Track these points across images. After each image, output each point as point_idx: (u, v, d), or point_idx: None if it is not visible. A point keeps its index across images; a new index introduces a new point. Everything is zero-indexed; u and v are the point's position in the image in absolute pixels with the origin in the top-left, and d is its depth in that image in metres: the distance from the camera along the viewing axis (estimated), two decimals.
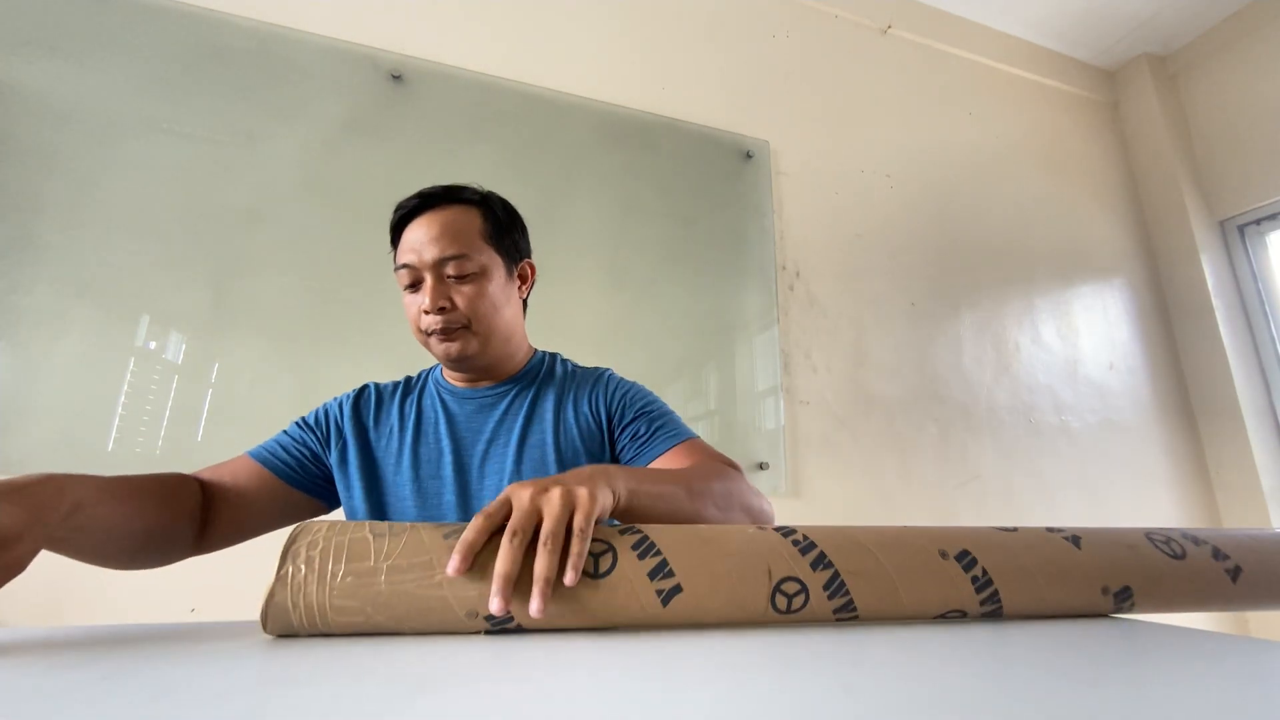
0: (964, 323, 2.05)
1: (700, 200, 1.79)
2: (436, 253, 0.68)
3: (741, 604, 0.39)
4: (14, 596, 1.12)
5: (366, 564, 0.38)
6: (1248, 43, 2.32)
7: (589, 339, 1.54)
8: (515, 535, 0.39)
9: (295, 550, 0.39)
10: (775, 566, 0.40)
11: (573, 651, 0.34)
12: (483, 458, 0.72)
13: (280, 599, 0.37)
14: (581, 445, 0.74)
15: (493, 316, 0.71)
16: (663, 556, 0.39)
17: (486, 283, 0.70)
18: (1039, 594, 0.43)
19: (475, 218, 0.72)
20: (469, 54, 1.63)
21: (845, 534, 0.42)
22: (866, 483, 1.76)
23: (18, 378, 1.14)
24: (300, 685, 0.29)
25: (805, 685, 0.29)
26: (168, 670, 0.31)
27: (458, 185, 0.74)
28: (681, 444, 0.71)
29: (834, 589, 0.40)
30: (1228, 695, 0.28)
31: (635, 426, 0.74)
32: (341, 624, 0.37)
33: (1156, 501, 2.13)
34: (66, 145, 1.26)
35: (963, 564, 0.42)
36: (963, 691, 0.28)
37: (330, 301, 1.36)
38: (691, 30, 1.95)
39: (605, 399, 0.77)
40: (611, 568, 0.39)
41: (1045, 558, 0.43)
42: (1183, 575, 0.45)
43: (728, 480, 0.60)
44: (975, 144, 2.29)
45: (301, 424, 0.76)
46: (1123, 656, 0.35)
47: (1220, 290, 2.29)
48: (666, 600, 0.38)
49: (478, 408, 0.75)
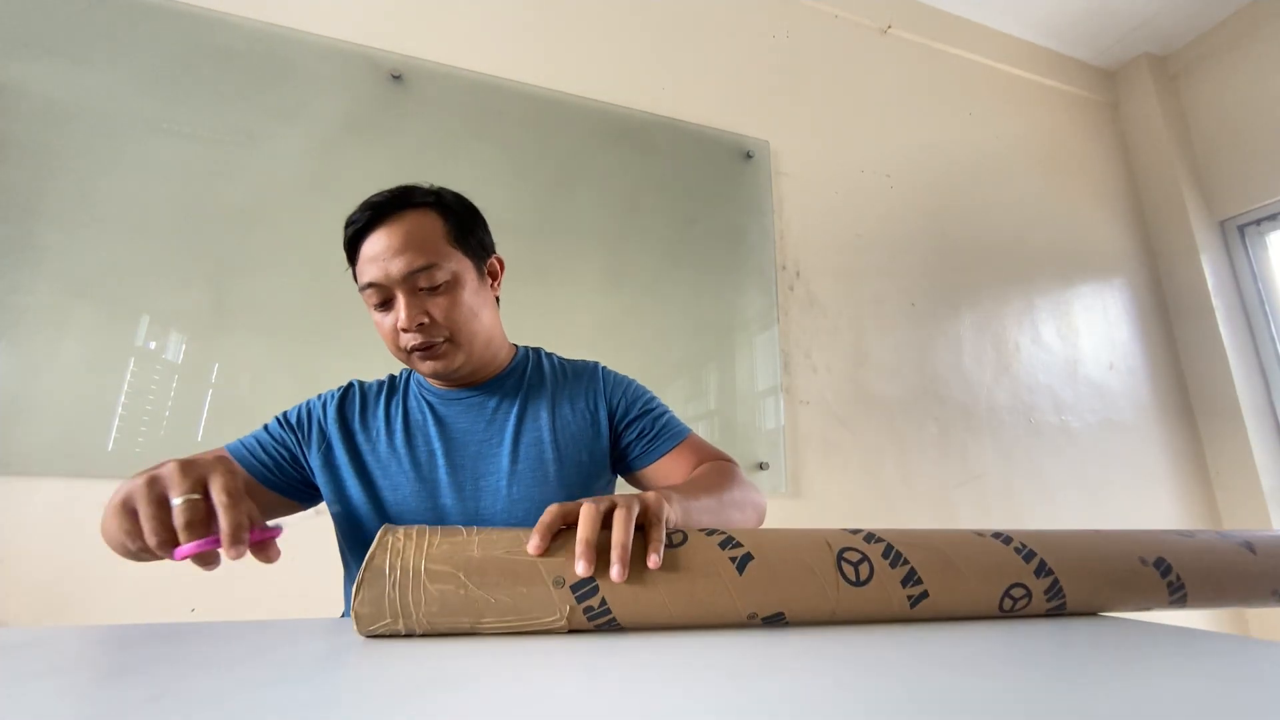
0: (964, 323, 2.05)
1: (700, 200, 1.79)
2: (403, 266, 0.64)
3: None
4: (14, 597, 1.13)
5: (460, 536, 0.42)
6: (1248, 43, 2.32)
7: (589, 339, 1.54)
8: (593, 508, 0.42)
9: (394, 529, 0.42)
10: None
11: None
12: (476, 458, 0.71)
13: (379, 562, 0.39)
14: (578, 440, 0.73)
15: (472, 324, 0.69)
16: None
17: (460, 290, 0.68)
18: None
19: (435, 221, 0.68)
20: (469, 54, 1.63)
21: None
22: (866, 483, 1.76)
23: (18, 378, 1.14)
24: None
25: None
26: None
27: (406, 187, 0.70)
28: (683, 442, 0.75)
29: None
30: (1228, 695, 0.28)
31: (640, 425, 0.75)
32: (435, 593, 0.38)
33: (1156, 501, 2.13)
34: (66, 145, 1.26)
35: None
36: (964, 691, 0.28)
37: (330, 301, 1.36)
38: (691, 30, 1.94)
39: (606, 395, 0.77)
40: (683, 541, 0.43)
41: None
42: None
43: (743, 488, 0.66)
44: (975, 144, 2.29)
45: (282, 422, 0.73)
46: (1122, 657, 0.35)
47: (1220, 290, 2.29)
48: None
49: (465, 409, 0.74)
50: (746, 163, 1.88)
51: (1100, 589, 0.46)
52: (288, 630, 0.42)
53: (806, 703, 0.26)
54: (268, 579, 1.18)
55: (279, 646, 0.37)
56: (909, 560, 0.43)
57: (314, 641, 0.39)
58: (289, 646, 0.37)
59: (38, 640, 0.38)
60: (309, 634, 0.41)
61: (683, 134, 1.82)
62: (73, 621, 1.11)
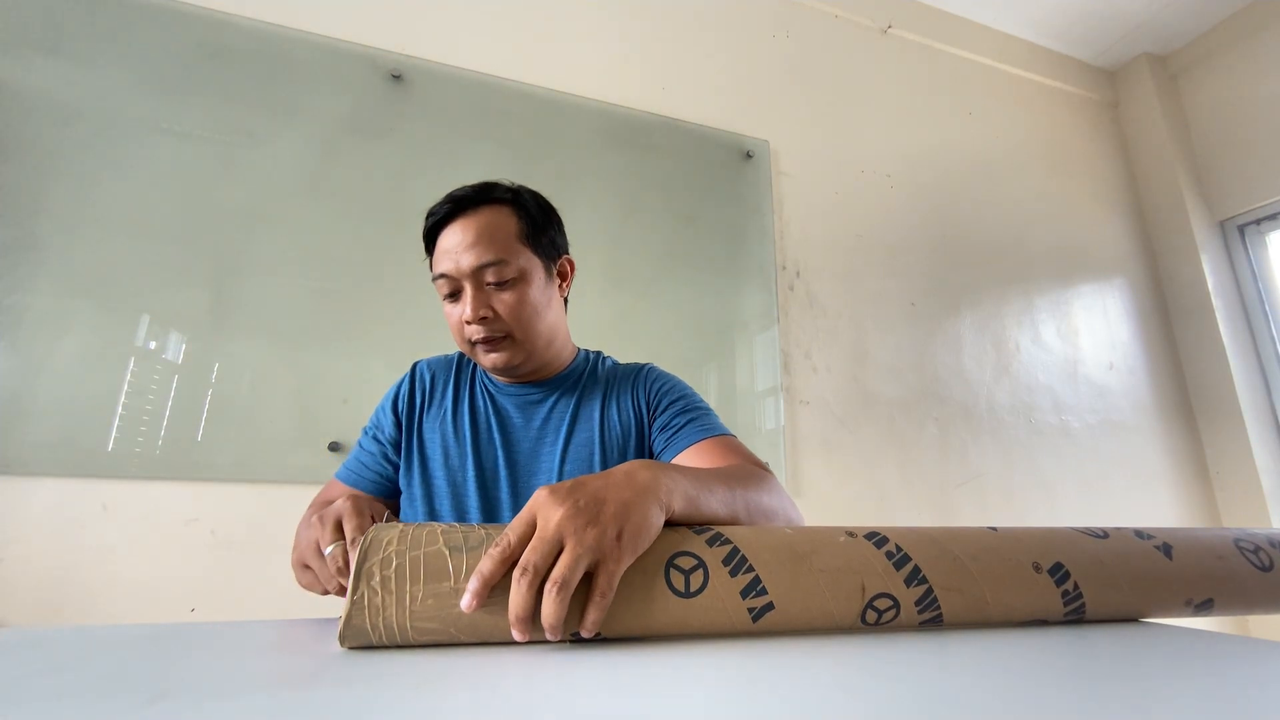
0: (964, 323, 2.05)
1: (700, 200, 1.79)
2: (473, 260, 0.66)
3: (832, 617, 0.39)
4: (14, 597, 1.12)
5: (445, 585, 0.36)
6: (1248, 43, 2.32)
7: (589, 339, 1.53)
8: (525, 573, 0.35)
9: (369, 570, 0.36)
10: (869, 582, 0.40)
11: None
12: (530, 456, 0.73)
13: (358, 622, 0.35)
14: (625, 443, 0.74)
15: (535, 322, 0.70)
16: (755, 574, 0.39)
17: (527, 287, 0.69)
18: (1126, 603, 0.43)
19: (510, 218, 0.70)
20: (469, 54, 1.63)
21: (938, 544, 0.42)
22: (866, 483, 1.76)
23: (18, 378, 1.14)
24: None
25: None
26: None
27: (488, 183, 0.72)
28: (711, 439, 0.69)
29: (926, 604, 0.40)
30: (1228, 695, 0.28)
31: (665, 418, 0.74)
32: (423, 641, 0.36)
33: (1156, 501, 2.13)
34: (67, 145, 1.26)
35: (1055, 577, 0.42)
36: (954, 694, 0.28)
37: (330, 301, 1.36)
38: (691, 30, 1.94)
39: (645, 392, 0.78)
40: (703, 587, 0.38)
41: (1138, 572, 0.44)
42: (1267, 586, 0.46)
43: (776, 495, 0.58)
44: (975, 144, 2.29)
45: (375, 437, 0.76)
46: (1123, 656, 0.35)
47: (1220, 290, 2.29)
48: (758, 617, 0.38)
49: (523, 405, 0.76)
50: (746, 162, 1.88)
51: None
52: (288, 630, 0.42)
53: (808, 706, 0.26)
54: (268, 579, 1.18)
55: (279, 646, 0.37)
56: (940, 606, 0.39)
57: (314, 642, 0.39)
58: (290, 646, 0.37)
59: (38, 640, 0.38)
60: (310, 634, 0.41)
61: (682, 134, 1.82)
62: (73, 621, 1.11)
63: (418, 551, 0.37)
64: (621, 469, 0.44)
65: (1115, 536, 0.45)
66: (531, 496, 0.40)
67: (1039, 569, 0.42)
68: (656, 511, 0.41)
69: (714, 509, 0.47)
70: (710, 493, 0.48)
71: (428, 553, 0.37)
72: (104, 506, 1.15)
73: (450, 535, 0.38)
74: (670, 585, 0.38)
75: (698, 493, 0.46)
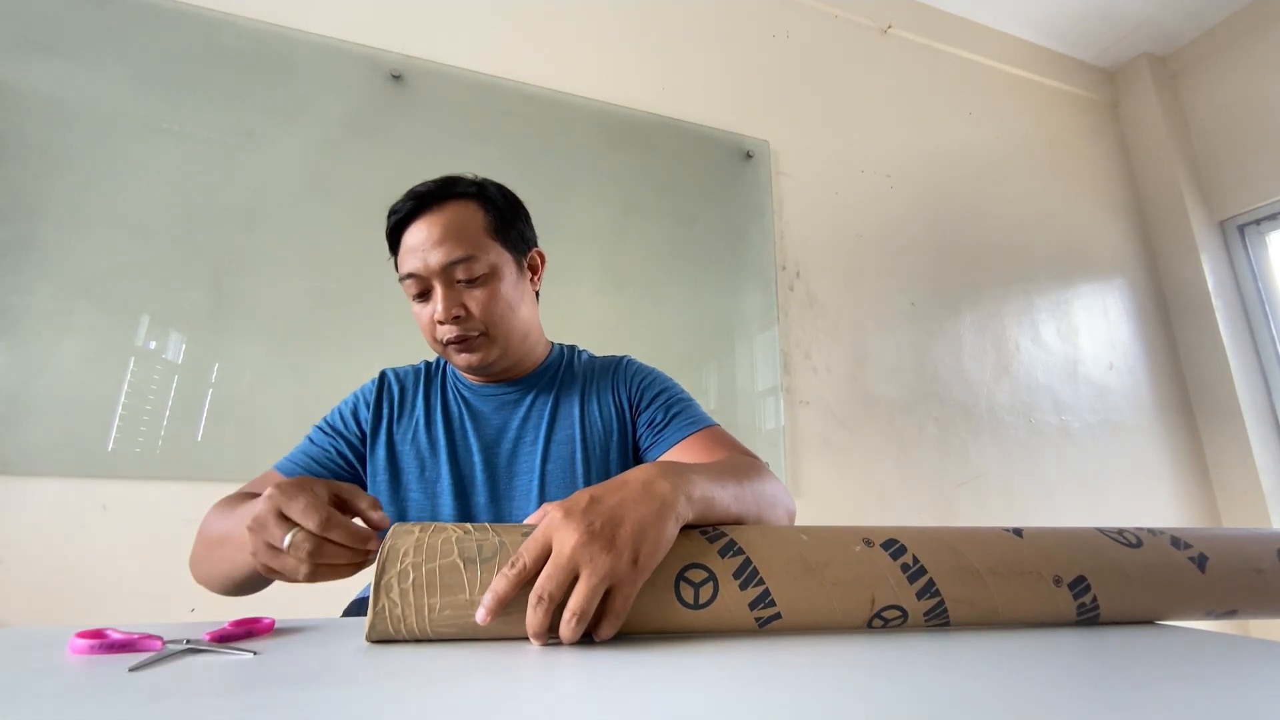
0: (964, 323, 2.05)
1: (700, 200, 1.79)
2: (442, 257, 0.64)
3: (837, 625, 0.40)
4: (14, 597, 1.12)
5: (461, 596, 0.37)
6: (1248, 43, 2.32)
7: (589, 339, 1.52)
8: (541, 601, 0.36)
9: (387, 584, 0.37)
10: (880, 595, 0.39)
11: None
12: (510, 457, 0.71)
13: (382, 628, 0.37)
14: (608, 440, 0.72)
15: (510, 318, 0.68)
16: (765, 586, 0.39)
17: (499, 283, 0.67)
18: (1142, 611, 0.43)
19: (476, 212, 0.68)
20: (469, 54, 1.63)
21: (956, 554, 0.41)
22: (866, 483, 1.76)
23: (18, 378, 1.14)
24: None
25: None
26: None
27: (450, 177, 0.70)
28: (699, 432, 0.68)
29: (935, 614, 0.40)
30: (1233, 698, 0.28)
31: (651, 413, 0.72)
32: (443, 638, 0.38)
33: (1156, 501, 2.13)
34: (66, 145, 1.26)
35: (1075, 590, 0.41)
36: (956, 694, 0.28)
37: (330, 301, 1.36)
38: (691, 30, 1.94)
39: (626, 386, 0.75)
40: (712, 599, 0.38)
41: (1163, 584, 0.42)
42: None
43: (772, 484, 0.57)
44: (975, 144, 2.29)
45: (328, 430, 0.73)
46: (1122, 657, 0.35)
47: (1220, 290, 2.29)
48: (764, 625, 0.39)
49: (499, 405, 0.74)
50: (746, 163, 1.88)
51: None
52: (289, 630, 0.42)
53: (809, 706, 0.26)
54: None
55: (280, 646, 0.37)
56: (949, 615, 0.40)
57: (315, 642, 0.39)
58: (290, 646, 0.37)
59: (38, 640, 0.38)
60: (311, 634, 0.41)
61: (682, 134, 1.82)
62: (73, 621, 1.11)
63: (433, 564, 0.38)
64: (638, 478, 0.42)
65: (1149, 545, 0.43)
66: (546, 516, 0.39)
67: (1059, 582, 0.41)
68: (673, 526, 0.40)
69: (729, 509, 0.47)
70: (725, 492, 0.47)
71: (443, 565, 0.38)
72: (104, 506, 1.15)
73: (464, 545, 0.39)
74: (680, 598, 0.39)
75: (714, 495, 0.46)
